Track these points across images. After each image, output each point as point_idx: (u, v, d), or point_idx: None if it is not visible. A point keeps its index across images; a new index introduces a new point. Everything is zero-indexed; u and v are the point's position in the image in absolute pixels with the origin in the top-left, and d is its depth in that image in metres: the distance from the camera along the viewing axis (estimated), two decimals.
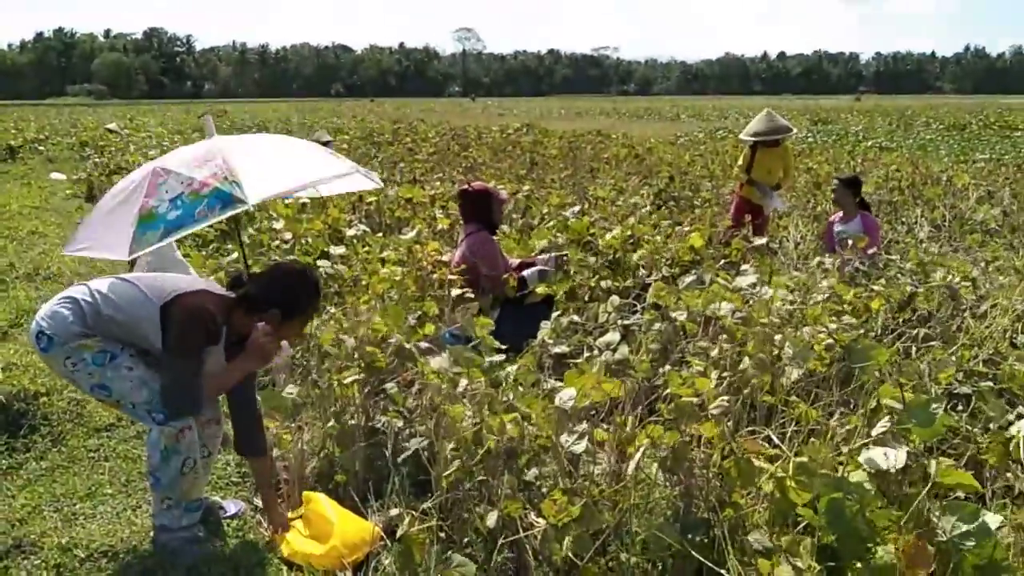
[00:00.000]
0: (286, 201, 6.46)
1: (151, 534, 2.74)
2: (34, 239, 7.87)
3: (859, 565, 2.03)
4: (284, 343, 2.82)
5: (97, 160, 13.38)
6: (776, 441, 2.78)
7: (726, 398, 2.87)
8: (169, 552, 2.65)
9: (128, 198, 2.92)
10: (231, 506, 2.97)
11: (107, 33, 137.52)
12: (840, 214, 6.23)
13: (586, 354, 3.81)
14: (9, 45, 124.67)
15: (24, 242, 7.60)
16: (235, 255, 5.83)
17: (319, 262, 5.02)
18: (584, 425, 2.62)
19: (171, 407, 2.54)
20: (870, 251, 5.65)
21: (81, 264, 6.50)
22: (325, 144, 11.77)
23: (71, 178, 12.26)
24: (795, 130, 7.08)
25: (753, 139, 6.82)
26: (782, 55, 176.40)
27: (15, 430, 3.53)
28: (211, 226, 7.18)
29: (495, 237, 4.71)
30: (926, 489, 2.12)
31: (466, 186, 4.66)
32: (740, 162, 7.00)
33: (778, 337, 3.39)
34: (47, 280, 6.30)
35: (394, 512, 2.61)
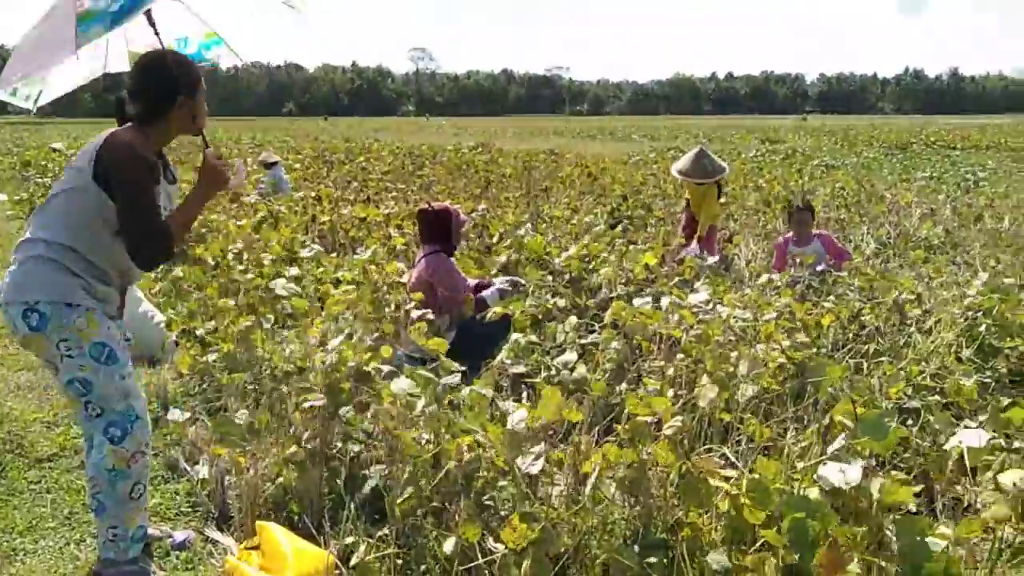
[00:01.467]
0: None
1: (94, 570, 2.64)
2: None
3: None
4: (238, 163, 2.68)
5: (40, 180, 13.03)
6: (732, 459, 2.80)
7: (681, 417, 2.88)
8: None
9: (54, 15, 2.62)
10: (179, 536, 2.87)
11: None
12: (791, 234, 6.36)
13: (544, 373, 3.81)
14: None
15: None
16: (180, 273, 5.71)
17: (273, 284, 4.93)
18: (540, 446, 2.61)
19: (143, 258, 2.44)
20: (833, 263, 5.82)
21: None
22: (271, 165, 11.68)
23: (12, 199, 11.91)
24: (725, 171, 7.17)
25: (680, 176, 7.02)
26: (730, 75, 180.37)
27: None
28: None
29: (453, 258, 4.69)
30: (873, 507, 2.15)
31: (426, 206, 4.62)
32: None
33: (733, 354, 3.42)
34: None
35: (349, 540, 2.57)
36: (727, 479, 2.50)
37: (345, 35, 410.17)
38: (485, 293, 4.60)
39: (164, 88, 2.53)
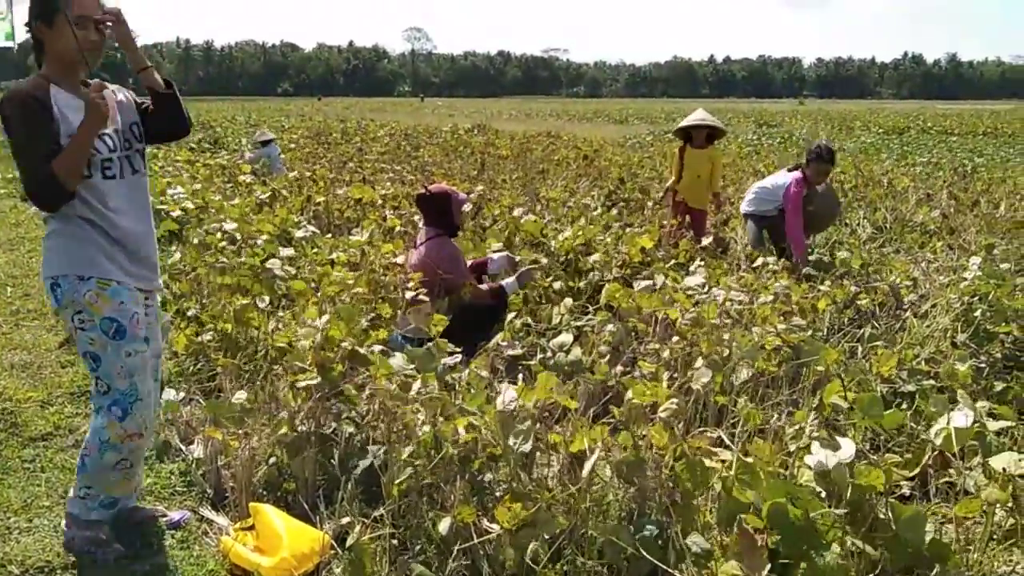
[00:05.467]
0: None
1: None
2: None
3: (804, 566, 2.06)
4: (107, 94, 2.56)
5: None
6: (727, 441, 2.81)
7: (675, 400, 2.89)
8: (75, 556, 2.60)
9: None
10: (175, 515, 2.88)
11: None
12: (797, 175, 6.03)
13: (539, 356, 3.81)
14: None
15: None
16: (179, 256, 5.68)
17: (268, 263, 4.91)
18: (528, 423, 2.60)
19: (38, 203, 2.43)
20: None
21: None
22: (267, 143, 11.61)
23: (5, 177, 11.82)
24: (727, 130, 7.19)
25: (685, 127, 6.89)
26: (728, 59, 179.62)
27: None
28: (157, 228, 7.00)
29: (454, 239, 4.65)
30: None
31: (424, 189, 4.59)
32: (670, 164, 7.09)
33: (727, 337, 3.42)
34: None
35: (345, 520, 2.57)
36: (722, 461, 2.51)
37: (341, 13, 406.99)
38: (506, 282, 4.53)
39: (32, 19, 2.47)
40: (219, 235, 5.88)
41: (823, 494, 2.26)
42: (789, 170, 6.26)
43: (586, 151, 15.69)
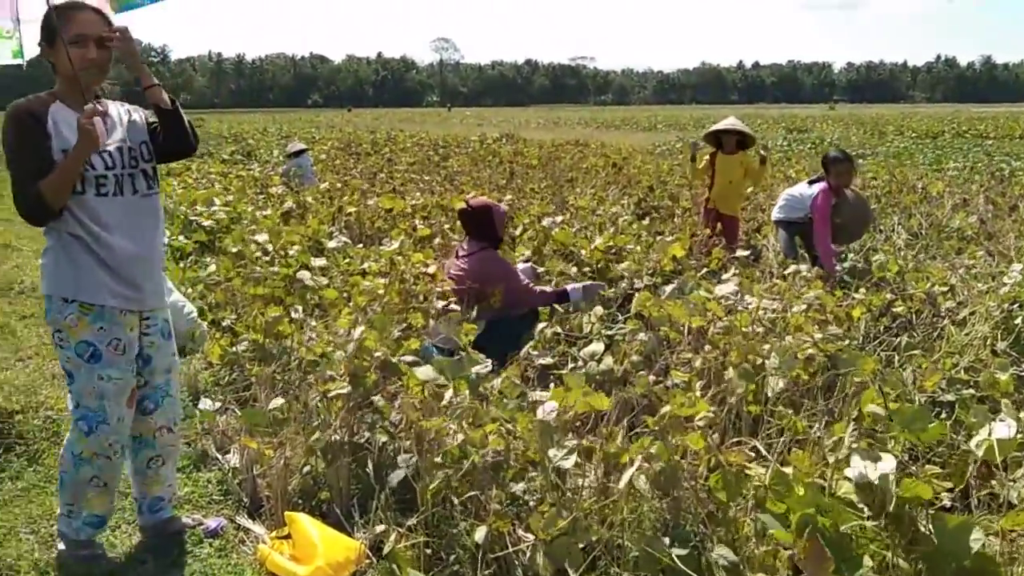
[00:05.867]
0: None
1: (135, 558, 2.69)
2: (6, 253, 7.74)
3: None
4: (98, 122, 2.48)
5: None
6: (763, 452, 2.78)
7: (712, 409, 2.87)
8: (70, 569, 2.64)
9: None
10: (212, 523, 2.91)
11: None
12: (823, 185, 5.96)
13: (570, 365, 3.80)
14: None
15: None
16: (213, 267, 5.76)
17: (300, 274, 4.96)
18: (573, 440, 2.60)
19: (24, 217, 2.48)
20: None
21: None
22: (299, 154, 11.74)
23: None
24: (756, 137, 7.12)
25: (716, 131, 6.87)
26: (757, 64, 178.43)
27: None
28: (189, 239, 7.11)
29: (499, 250, 4.65)
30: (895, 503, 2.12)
31: (465, 204, 4.57)
32: (699, 165, 6.96)
33: (766, 347, 3.39)
34: (21, 295, 6.19)
35: (380, 529, 2.58)
36: (757, 472, 2.49)
37: (370, 26, 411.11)
38: (569, 288, 4.53)
39: (39, 41, 2.55)
40: (252, 246, 5.95)
41: (860, 506, 2.23)
42: (811, 182, 6.20)
43: (615, 159, 15.65)
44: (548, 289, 4.59)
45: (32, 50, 2.95)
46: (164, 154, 2.71)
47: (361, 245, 6.92)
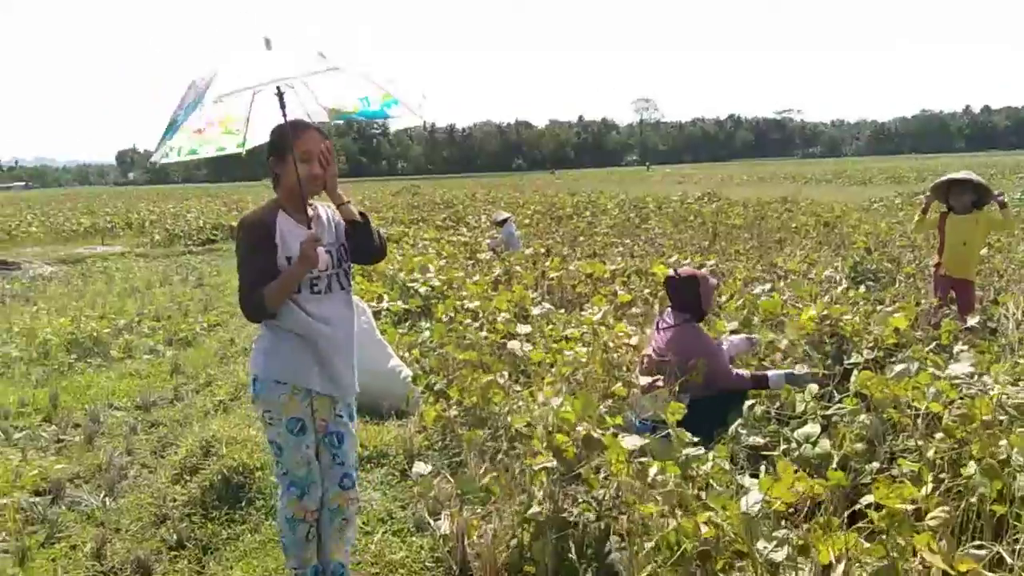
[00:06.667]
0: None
1: None
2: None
3: None
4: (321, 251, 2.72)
5: None
6: (1007, 558, 2.49)
7: (946, 508, 2.61)
8: None
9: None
10: None
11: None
12: None
13: (782, 446, 3.61)
14: None
15: (242, 317, 8.36)
16: (428, 333, 6.12)
17: (509, 345, 5.15)
18: (783, 532, 2.48)
19: (245, 314, 2.75)
20: None
21: None
22: (503, 222, 12.24)
23: None
24: (998, 194, 6.33)
25: (942, 186, 6.25)
26: (986, 108, 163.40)
27: (234, 502, 3.84)
28: (406, 306, 7.60)
29: (702, 323, 4.48)
30: None
31: (672, 273, 4.47)
32: (928, 216, 6.40)
33: (1006, 440, 3.05)
34: None
35: None
36: None
37: (571, 91, 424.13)
38: (771, 375, 4.29)
39: (268, 154, 2.80)
40: (463, 312, 6.27)
41: None
42: None
43: (826, 217, 14.90)
44: (746, 373, 4.32)
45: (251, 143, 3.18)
46: (357, 258, 2.96)
47: (563, 310, 7.06)
